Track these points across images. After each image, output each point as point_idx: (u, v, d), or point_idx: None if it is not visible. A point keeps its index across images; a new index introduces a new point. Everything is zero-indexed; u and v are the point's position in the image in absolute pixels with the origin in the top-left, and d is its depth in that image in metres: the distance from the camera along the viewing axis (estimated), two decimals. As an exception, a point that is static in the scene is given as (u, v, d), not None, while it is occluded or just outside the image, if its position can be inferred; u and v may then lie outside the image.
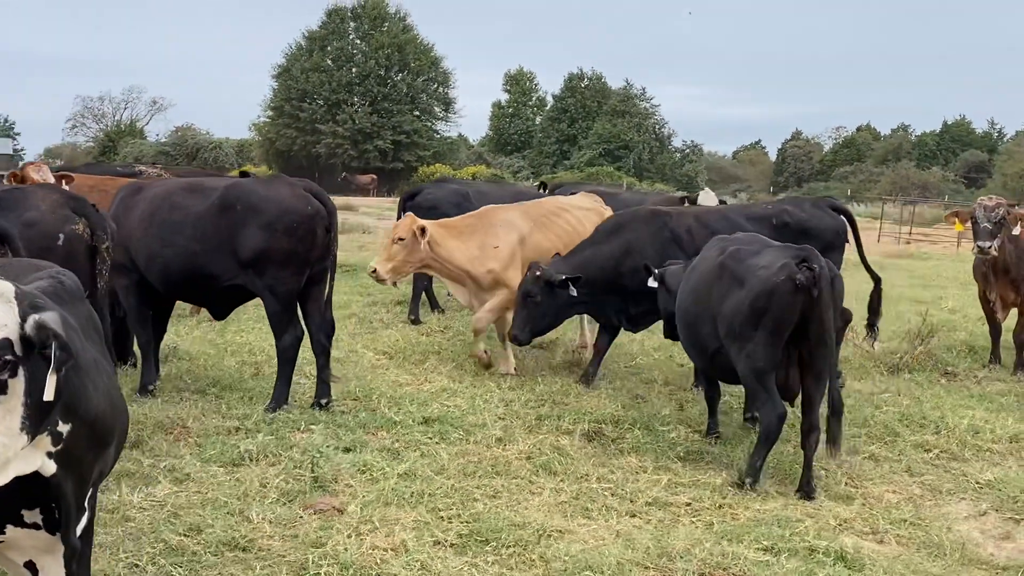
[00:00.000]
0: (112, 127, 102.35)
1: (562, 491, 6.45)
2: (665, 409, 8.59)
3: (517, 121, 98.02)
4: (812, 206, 9.81)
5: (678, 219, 9.43)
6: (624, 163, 77.32)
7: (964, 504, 6.85)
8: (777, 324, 6.65)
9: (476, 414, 8.07)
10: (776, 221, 9.40)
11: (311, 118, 68.50)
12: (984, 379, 10.59)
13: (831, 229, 9.52)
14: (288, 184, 7.83)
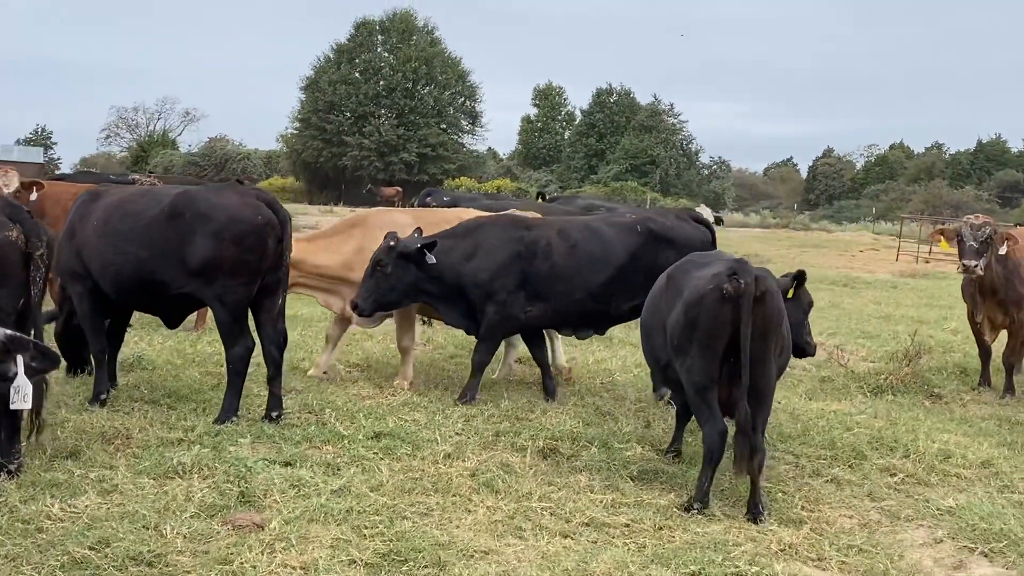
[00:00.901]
0: (145, 137, 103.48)
1: (499, 509, 6.30)
2: (628, 427, 8.42)
3: (546, 135, 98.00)
4: (676, 217, 9.67)
5: (537, 228, 9.24)
6: (650, 179, 77.06)
7: (921, 531, 6.64)
8: (708, 336, 6.47)
9: (432, 429, 7.93)
10: (640, 229, 9.26)
11: (338, 130, 68.92)
12: (970, 402, 10.36)
13: (696, 240, 9.30)
14: (239, 192, 7.75)
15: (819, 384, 10.71)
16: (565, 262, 9.06)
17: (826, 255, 34.01)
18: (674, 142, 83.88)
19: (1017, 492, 7.37)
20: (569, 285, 9.08)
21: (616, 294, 9.22)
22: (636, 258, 9.17)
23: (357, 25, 72.90)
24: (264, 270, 7.64)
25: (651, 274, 8.81)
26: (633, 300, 9.12)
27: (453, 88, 72.85)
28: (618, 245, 9.18)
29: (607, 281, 9.13)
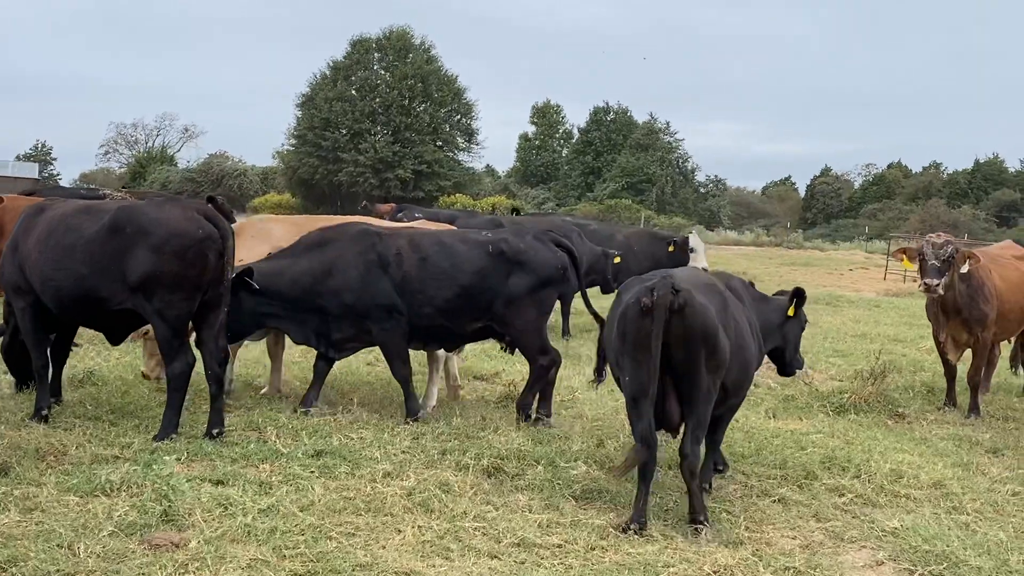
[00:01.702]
0: (143, 153, 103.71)
1: (430, 529, 6.20)
2: (577, 445, 8.33)
3: (543, 153, 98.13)
4: (533, 238, 9.35)
5: (389, 240, 9.01)
6: (647, 197, 77.09)
7: (864, 552, 6.55)
8: (635, 348, 6.53)
9: (377, 447, 7.84)
10: (492, 249, 9.03)
11: (333, 147, 69.01)
12: (933, 422, 10.28)
13: (549, 264, 9.11)
14: (180, 206, 7.68)
15: (782, 403, 10.62)
16: (415, 273, 8.87)
17: (815, 273, 33.93)
18: (670, 160, 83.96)
19: (965, 514, 7.28)
20: (417, 298, 8.88)
21: (463, 312, 9.01)
22: (484, 278, 8.97)
23: (354, 43, 73.12)
24: (205, 285, 7.56)
25: (498, 296, 8.97)
26: (478, 321, 9.08)
27: (449, 105, 72.96)
28: (467, 263, 8.98)
29: (454, 298, 8.92)
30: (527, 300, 9.03)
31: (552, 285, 9.20)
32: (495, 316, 9.03)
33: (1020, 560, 6.38)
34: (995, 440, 9.52)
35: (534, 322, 9.12)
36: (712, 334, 6.60)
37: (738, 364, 7.05)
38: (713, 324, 6.60)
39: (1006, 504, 7.54)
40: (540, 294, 9.12)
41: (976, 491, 7.79)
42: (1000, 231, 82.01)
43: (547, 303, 9.34)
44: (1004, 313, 10.75)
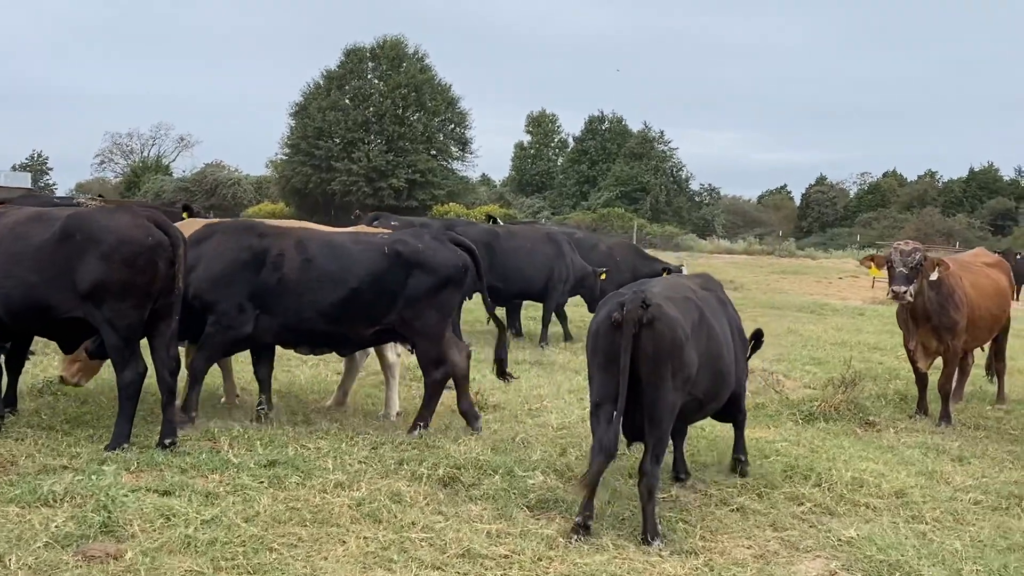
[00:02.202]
0: (138, 163, 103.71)
1: (375, 540, 6.12)
2: (537, 454, 8.25)
3: (539, 162, 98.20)
4: (432, 239, 9.13)
5: (272, 240, 8.66)
6: (641, 205, 77.09)
7: (818, 562, 6.49)
8: (605, 359, 6.58)
9: (333, 457, 7.76)
10: (388, 251, 8.77)
11: (326, 156, 68.93)
12: (903, 430, 10.21)
13: (449, 265, 8.88)
14: (131, 214, 7.61)
15: (752, 411, 10.48)
16: (297, 276, 8.50)
17: (803, 282, 33.93)
18: (664, 169, 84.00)
19: (923, 523, 7.23)
20: (299, 301, 8.53)
21: (355, 316, 8.68)
22: (380, 280, 8.66)
23: (347, 52, 73.09)
24: (155, 293, 7.49)
25: (399, 298, 8.69)
26: (376, 325, 8.79)
27: (443, 115, 72.89)
28: (359, 265, 8.64)
29: (342, 301, 8.58)
30: (427, 303, 8.78)
31: (452, 286, 8.96)
32: (395, 320, 8.77)
33: (973, 570, 6.31)
34: (963, 448, 9.45)
35: (435, 326, 8.85)
36: (679, 350, 6.60)
37: (711, 374, 7.12)
38: (681, 340, 6.59)
39: (966, 513, 7.47)
40: (441, 296, 8.86)
41: (937, 500, 7.73)
42: (995, 239, 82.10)
43: (448, 305, 9.05)
44: (975, 320, 10.69)
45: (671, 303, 6.77)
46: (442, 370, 8.95)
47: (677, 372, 6.59)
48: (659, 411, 6.58)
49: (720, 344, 7.26)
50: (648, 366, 6.49)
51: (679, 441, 7.99)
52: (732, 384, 7.74)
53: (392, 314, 8.73)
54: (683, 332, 6.64)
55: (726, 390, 7.59)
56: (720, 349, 7.25)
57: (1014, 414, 11.15)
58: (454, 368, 9.11)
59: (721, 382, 7.37)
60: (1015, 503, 7.76)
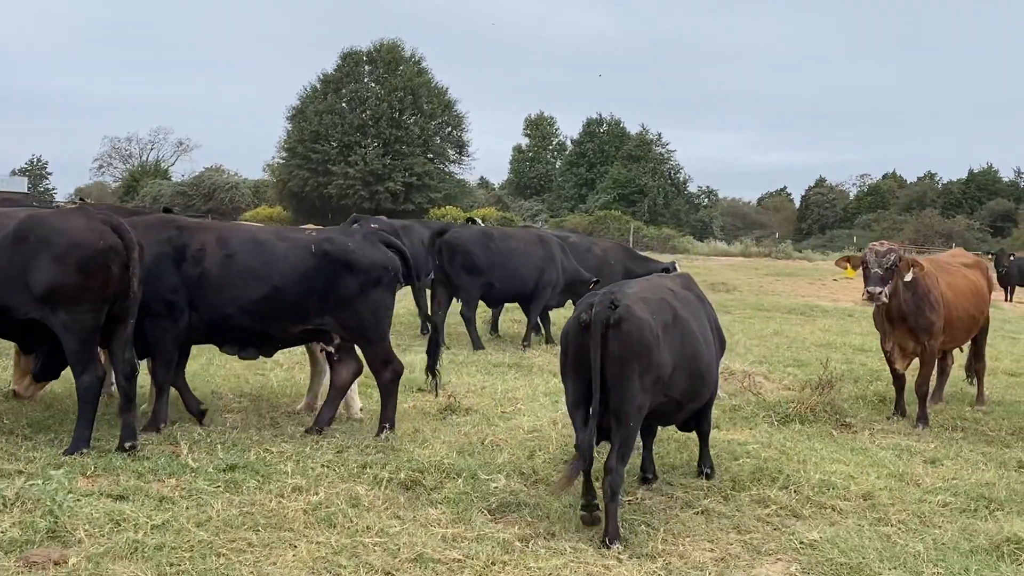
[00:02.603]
0: (137, 167, 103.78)
1: (326, 546, 6.05)
2: (503, 457, 8.19)
3: (537, 165, 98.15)
4: (362, 238, 8.97)
5: (192, 235, 8.49)
6: (639, 208, 77.01)
7: (778, 565, 6.42)
8: (575, 362, 6.69)
9: (296, 461, 7.69)
10: (315, 249, 8.59)
11: (323, 159, 68.91)
12: (879, 431, 10.12)
13: (378, 265, 8.72)
14: (85, 216, 7.54)
15: (727, 413, 10.45)
16: (218, 271, 8.30)
17: (796, 283, 33.83)
18: (662, 171, 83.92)
19: (889, 525, 7.15)
20: (220, 297, 8.31)
21: (279, 314, 8.48)
22: (305, 279, 8.47)
23: (344, 55, 73.06)
24: (111, 297, 7.42)
25: (327, 297, 8.54)
26: (303, 324, 8.62)
27: (439, 117, 72.87)
28: (283, 262, 8.45)
29: (264, 299, 8.38)
30: (359, 303, 8.62)
31: (383, 287, 8.79)
32: (326, 320, 8.62)
33: (935, 572, 6.24)
34: (937, 450, 9.37)
35: (374, 327, 8.75)
36: (647, 350, 6.60)
37: (688, 374, 7.12)
38: (649, 340, 6.59)
39: (933, 515, 7.38)
40: (372, 296, 8.70)
41: (905, 502, 7.65)
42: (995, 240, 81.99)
43: (382, 306, 8.85)
44: (952, 321, 10.60)
45: (642, 304, 6.77)
46: (391, 369, 8.82)
47: (645, 373, 6.59)
48: (625, 411, 6.56)
49: (697, 344, 7.26)
50: (615, 366, 6.49)
51: (648, 441, 7.95)
52: (712, 384, 7.76)
53: (324, 315, 8.58)
54: (652, 333, 6.62)
55: (706, 390, 7.61)
56: (697, 349, 7.24)
57: (993, 415, 11.06)
58: (336, 376, 9.04)
59: (700, 382, 7.38)
60: (984, 505, 7.67)
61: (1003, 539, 6.68)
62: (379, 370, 8.85)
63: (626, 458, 6.67)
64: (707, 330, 7.66)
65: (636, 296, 6.84)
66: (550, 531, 6.66)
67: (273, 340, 8.77)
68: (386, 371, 8.85)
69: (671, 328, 6.91)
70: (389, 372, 8.85)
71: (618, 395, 6.55)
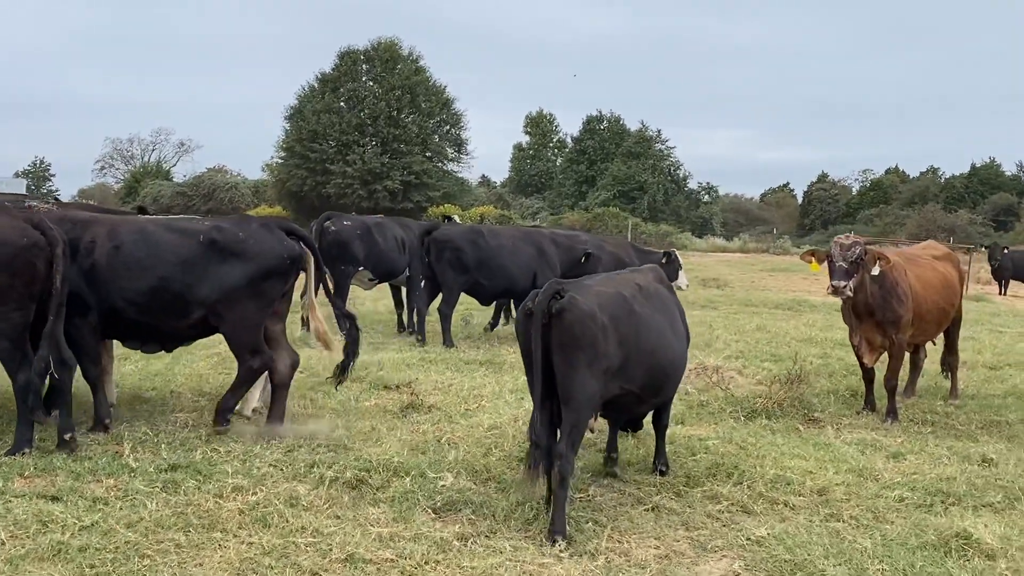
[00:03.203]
0: (139, 168, 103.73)
1: (257, 546, 5.96)
2: (455, 455, 8.09)
3: (537, 162, 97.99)
4: (259, 227, 8.65)
5: (85, 228, 8.29)
6: (638, 205, 76.82)
7: (723, 563, 6.32)
8: (523, 353, 6.81)
9: (243, 460, 7.62)
10: (203, 239, 8.30)
11: (321, 159, 68.69)
12: (846, 426, 9.99)
13: (273, 255, 8.43)
14: (7, 215, 7.46)
15: (694, 409, 10.34)
16: (105, 264, 8.09)
17: (789, 279, 33.73)
18: (662, 168, 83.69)
19: (840, 521, 7.05)
20: (108, 290, 8.10)
21: (168, 306, 8.26)
22: (193, 269, 8.23)
23: (342, 54, 72.82)
24: (37, 295, 7.32)
25: (212, 288, 8.27)
26: (192, 316, 8.36)
27: (437, 116, 72.64)
28: (169, 253, 8.22)
29: (151, 290, 8.16)
30: (244, 293, 8.34)
31: (276, 277, 8.51)
32: (213, 310, 8.37)
33: (879, 569, 6.13)
34: (903, 445, 9.24)
35: (251, 317, 8.46)
36: (592, 339, 6.57)
37: (646, 368, 7.08)
38: (593, 330, 6.57)
39: (888, 511, 7.27)
40: (260, 286, 8.42)
41: (860, 497, 7.54)
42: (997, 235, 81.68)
43: (269, 295, 8.56)
44: (921, 315, 10.47)
45: (592, 295, 6.75)
46: (260, 359, 8.53)
47: (592, 363, 6.58)
48: (572, 399, 6.56)
49: (659, 339, 7.22)
50: (559, 355, 6.53)
51: (613, 428, 8.07)
52: (678, 379, 7.71)
53: (208, 303, 8.32)
54: (596, 324, 6.59)
55: (670, 385, 7.57)
56: (659, 344, 7.20)
57: (964, 409, 10.93)
58: (275, 374, 8.85)
59: (663, 377, 7.34)
60: (941, 500, 7.55)
61: (952, 534, 6.59)
62: (244, 355, 8.54)
63: (576, 445, 6.68)
64: (677, 324, 7.62)
65: (588, 288, 6.85)
66: (493, 529, 6.57)
67: (166, 335, 8.55)
68: (254, 359, 8.55)
69: (624, 321, 6.85)
70: (258, 361, 8.57)
71: (565, 384, 6.56)
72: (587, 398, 6.62)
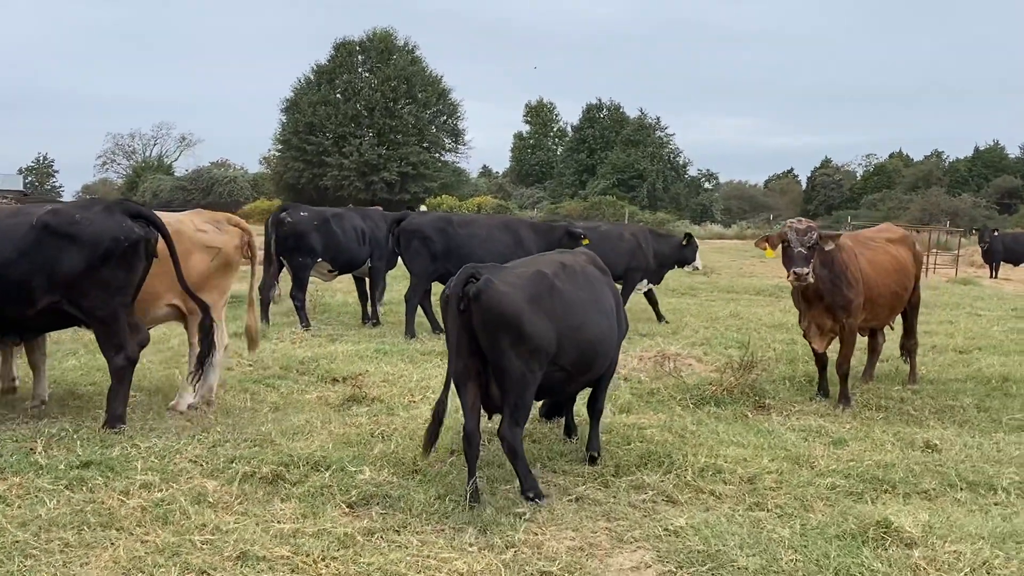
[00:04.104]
0: (140, 163, 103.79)
1: (151, 544, 5.82)
2: (383, 447, 7.94)
3: (538, 152, 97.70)
4: (100, 210, 8.21)
5: None
6: (638, 192, 76.52)
7: (637, 554, 6.17)
8: (446, 336, 6.91)
9: (162, 457, 7.47)
10: (36, 222, 7.92)
11: (318, 151, 68.63)
12: (796, 412, 9.83)
13: (107, 237, 7.95)
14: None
15: (643, 397, 10.18)
16: None
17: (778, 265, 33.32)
18: (661, 155, 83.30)
19: (765, 510, 6.89)
20: None
21: (10, 295, 7.84)
22: (26, 256, 7.82)
23: (337, 46, 72.66)
24: None
25: (55, 275, 7.91)
26: (36, 305, 7.97)
27: (434, 106, 72.49)
28: (4, 240, 7.83)
29: None
30: (85, 279, 7.94)
31: (115, 261, 8.05)
32: (60, 300, 7.99)
33: (792, 559, 5.96)
34: (849, 431, 9.07)
35: (106, 307, 8.09)
36: (514, 321, 6.64)
37: (575, 344, 7.09)
38: (515, 311, 6.64)
39: (816, 499, 7.10)
40: (101, 272, 7.98)
41: (791, 485, 7.37)
42: (1002, 217, 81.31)
43: (116, 282, 8.11)
44: (873, 298, 10.29)
45: (508, 275, 6.84)
46: (123, 355, 8.23)
47: (518, 343, 6.64)
48: (507, 381, 6.69)
49: (585, 315, 7.23)
50: (484, 338, 6.63)
51: (569, 406, 8.43)
52: (608, 356, 7.68)
53: (53, 293, 7.97)
54: (516, 304, 6.65)
55: (598, 362, 7.54)
56: (585, 320, 7.21)
57: (921, 394, 10.75)
58: None
59: (591, 353, 7.34)
60: (874, 488, 7.39)
61: (873, 523, 6.39)
62: (110, 354, 8.23)
63: (520, 423, 6.83)
64: (603, 302, 7.57)
65: (504, 269, 6.97)
66: (404, 524, 6.42)
67: (17, 321, 8.15)
68: (118, 356, 8.22)
69: (547, 299, 6.90)
70: (121, 358, 8.24)
71: (496, 366, 6.68)
72: (521, 377, 6.68)
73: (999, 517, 6.78)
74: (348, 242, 14.81)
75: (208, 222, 9.48)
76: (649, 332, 15.20)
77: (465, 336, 6.66)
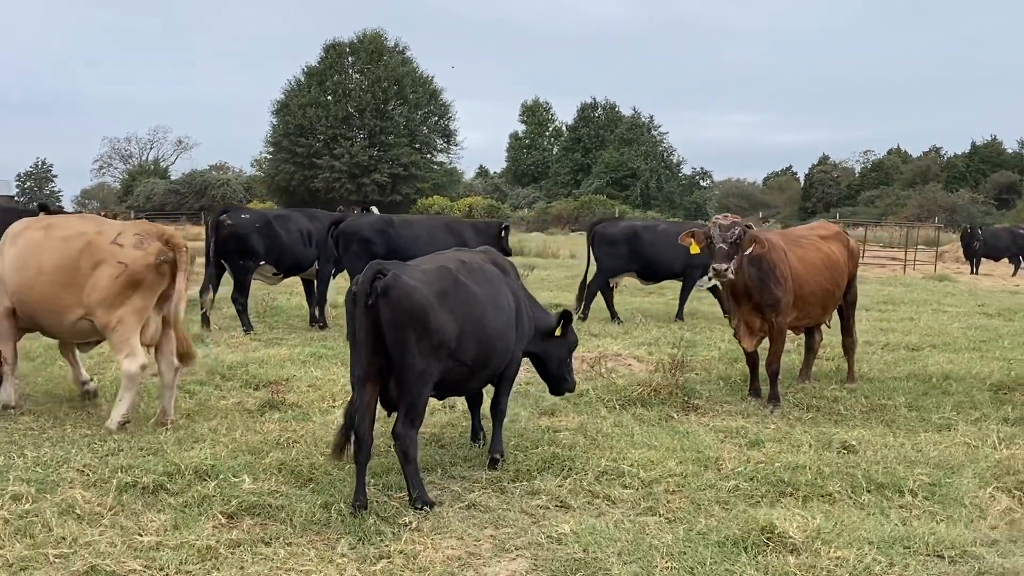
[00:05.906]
0: (137, 167, 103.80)
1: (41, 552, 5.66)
2: (274, 455, 7.75)
3: (534, 152, 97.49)
4: None
5: None
6: (631, 191, 76.30)
7: (516, 563, 6.00)
8: (350, 333, 6.81)
9: (46, 467, 7.31)
10: None
11: (309, 153, 68.52)
12: (723, 413, 9.63)
13: None
14: None
15: (569, 399, 9.93)
16: None
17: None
18: (655, 154, 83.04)
19: (656, 515, 6.71)
20: None
21: None
22: None
23: (327, 47, 72.52)
24: None
25: None
26: None
27: (425, 107, 72.31)
28: None
29: None
30: None
31: None
32: None
33: (668, 566, 5.78)
34: (771, 432, 8.86)
35: None
36: (419, 317, 6.63)
37: (476, 340, 7.10)
38: (423, 306, 6.65)
39: (712, 503, 6.90)
40: None
41: (690, 489, 7.17)
42: (1000, 212, 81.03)
43: None
44: (804, 296, 10.09)
45: (415, 271, 6.86)
46: None
47: (423, 338, 6.64)
48: (406, 377, 6.65)
49: (486, 311, 7.23)
50: (390, 334, 6.58)
51: (475, 408, 8.37)
52: (508, 351, 7.60)
53: None
54: (423, 299, 6.66)
55: (498, 357, 7.48)
56: (485, 315, 7.21)
57: (856, 393, 10.53)
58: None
59: (490, 347, 7.32)
60: (777, 491, 7.18)
61: (757, 528, 6.21)
62: None
63: (415, 423, 6.76)
64: (502, 299, 7.53)
65: (410, 266, 6.99)
66: (278, 534, 6.23)
67: None
68: None
69: (451, 294, 6.92)
70: None
71: (397, 362, 6.63)
72: (420, 373, 6.66)
73: (897, 520, 6.58)
74: (293, 244, 14.61)
75: (136, 235, 9.03)
76: (600, 332, 14.99)
77: (371, 333, 6.58)
